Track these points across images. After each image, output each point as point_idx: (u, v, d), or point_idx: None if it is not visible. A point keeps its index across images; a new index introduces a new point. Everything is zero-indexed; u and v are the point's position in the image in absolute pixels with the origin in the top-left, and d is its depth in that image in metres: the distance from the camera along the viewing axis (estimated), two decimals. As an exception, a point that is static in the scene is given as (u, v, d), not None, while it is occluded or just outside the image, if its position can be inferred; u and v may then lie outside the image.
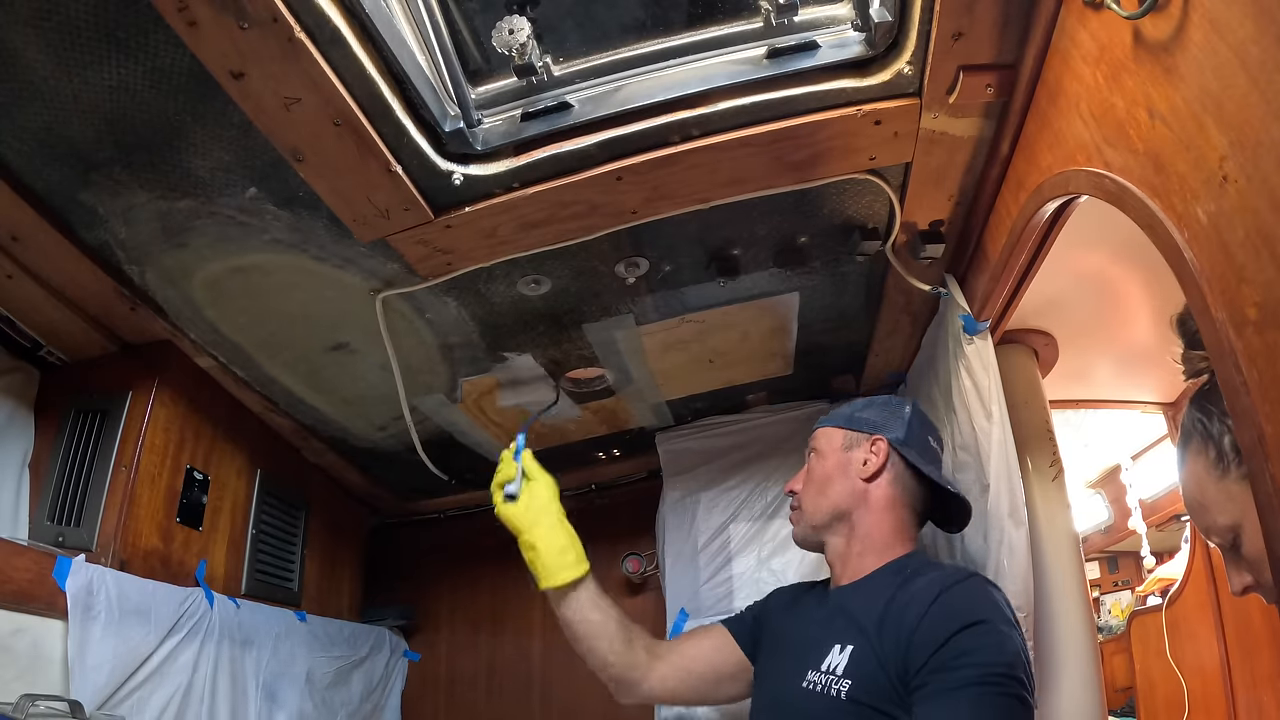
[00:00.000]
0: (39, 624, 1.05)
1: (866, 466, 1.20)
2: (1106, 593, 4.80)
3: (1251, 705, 1.98)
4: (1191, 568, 2.32)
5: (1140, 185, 0.70)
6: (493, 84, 1.02)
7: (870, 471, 1.19)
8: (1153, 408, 2.30)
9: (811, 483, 1.24)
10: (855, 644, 1.05)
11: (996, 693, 0.90)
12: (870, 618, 1.06)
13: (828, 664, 1.07)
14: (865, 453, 1.21)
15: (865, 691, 1.00)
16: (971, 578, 1.06)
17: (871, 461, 1.20)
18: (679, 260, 1.31)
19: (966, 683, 0.91)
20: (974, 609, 0.98)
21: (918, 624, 0.98)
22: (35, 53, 0.82)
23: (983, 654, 0.93)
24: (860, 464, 1.21)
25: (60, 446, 1.32)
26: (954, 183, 1.17)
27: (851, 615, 1.11)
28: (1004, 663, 0.92)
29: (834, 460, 1.23)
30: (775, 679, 1.21)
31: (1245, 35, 0.54)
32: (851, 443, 1.24)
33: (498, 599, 2.30)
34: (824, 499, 1.21)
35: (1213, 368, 0.62)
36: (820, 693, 1.05)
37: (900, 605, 1.03)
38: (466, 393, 1.65)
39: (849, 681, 1.02)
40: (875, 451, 1.20)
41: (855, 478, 1.20)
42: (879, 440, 1.21)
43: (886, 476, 1.20)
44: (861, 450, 1.22)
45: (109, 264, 1.17)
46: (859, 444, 1.23)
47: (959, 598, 1.00)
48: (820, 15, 0.99)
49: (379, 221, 1.08)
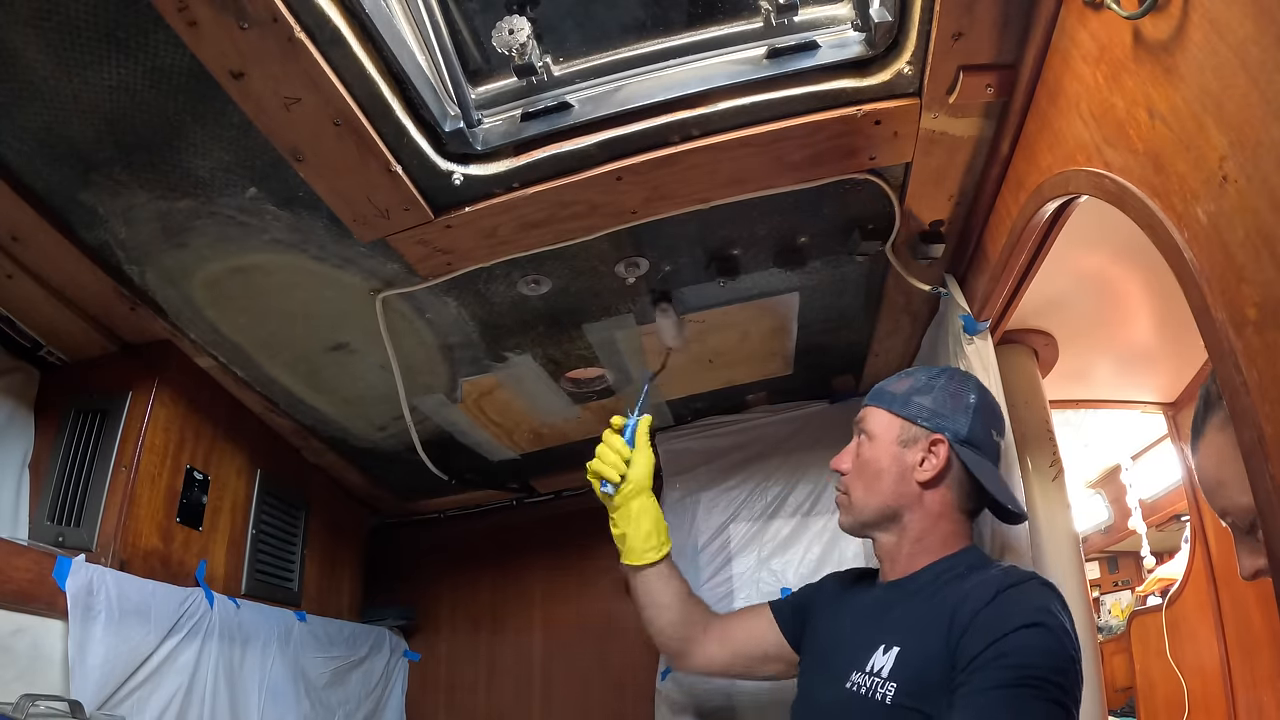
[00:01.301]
0: (39, 624, 1.05)
1: (924, 468, 1.09)
2: (1106, 593, 4.81)
3: (1251, 705, 1.98)
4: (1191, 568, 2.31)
5: (1140, 185, 0.70)
6: (493, 84, 1.02)
7: (928, 476, 1.09)
8: (1153, 408, 2.30)
9: (861, 472, 1.14)
10: (902, 644, 1.01)
11: (1035, 695, 0.85)
12: (920, 617, 1.01)
13: (872, 665, 1.02)
14: (923, 452, 1.10)
15: (911, 695, 0.95)
16: (1031, 579, 1.00)
17: (929, 463, 1.09)
18: (679, 260, 1.32)
19: (1007, 683, 0.86)
20: (1030, 611, 0.93)
21: (970, 623, 0.93)
22: (35, 53, 0.82)
23: (1030, 655, 0.88)
24: (917, 464, 1.10)
25: (60, 446, 1.32)
26: (954, 183, 1.17)
27: (900, 614, 1.06)
28: (1051, 666, 0.88)
29: (887, 453, 1.12)
30: (819, 678, 1.16)
31: (1245, 35, 0.54)
32: (908, 437, 1.12)
33: (498, 599, 2.30)
34: (874, 495, 1.12)
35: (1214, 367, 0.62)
36: (866, 695, 1.00)
37: (953, 604, 0.98)
38: (466, 393, 1.65)
39: (894, 684, 0.97)
40: (934, 453, 1.09)
41: (910, 479, 1.10)
42: (939, 442, 1.10)
43: (945, 481, 1.10)
44: (918, 449, 1.10)
45: (109, 264, 1.17)
46: (916, 441, 1.11)
47: (1016, 598, 0.95)
48: (820, 15, 0.99)
49: (379, 221, 1.08)
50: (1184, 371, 2.06)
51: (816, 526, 1.87)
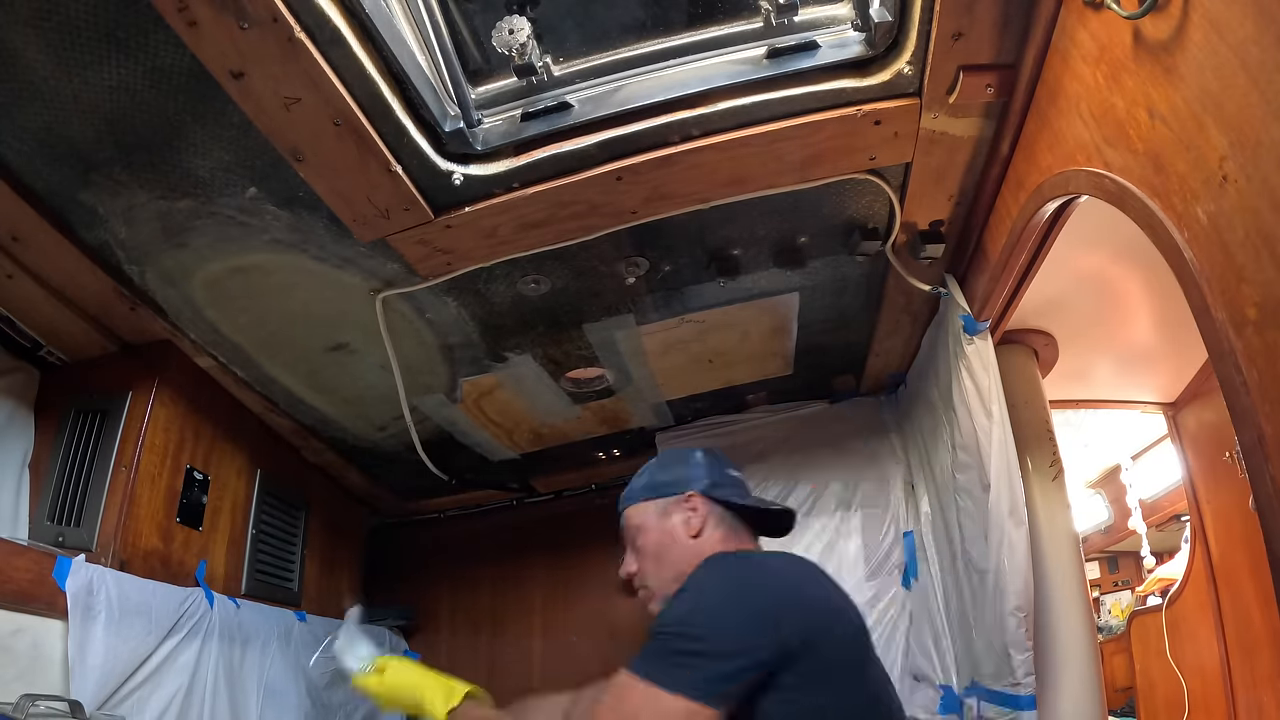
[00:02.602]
0: (39, 624, 1.05)
1: (690, 525, 1.20)
2: (1106, 593, 4.80)
3: (1251, 705, 1.98)
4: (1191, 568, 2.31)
5: (1140, 185, 0.70)
6: (493, 84, 1.02)
7: (696, 528, 1.19)
8: (1153, 408, 2.30)
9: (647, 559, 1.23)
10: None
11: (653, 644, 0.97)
12: None
13: None
14: (683, 512, 1.21)
15: None
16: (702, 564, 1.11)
17: (693, 518, 1.20)
18: (679, 260, 1.31)
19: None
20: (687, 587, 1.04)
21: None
22: (35, 53, 0.82)
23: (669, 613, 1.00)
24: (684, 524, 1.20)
25: (60, 446, 1.32)
26: (954, 183, 1.17)
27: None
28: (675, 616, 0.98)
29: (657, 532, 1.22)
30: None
31: (1245, 35, 0.54)
32: (665, 509, 1.22)
33: (498, 599, 2.30)
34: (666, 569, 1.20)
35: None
36: None
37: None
38: (466, 393, 1.65)
39: None
40: (692, 508, 1.20)
41: (685, 539, 1.20)
42: (691, 496, 1.21)
43: (710, 524, 1.20)
44: (679, 512, 1.21)
45: (109, 264, 1.16)
46: (674, 507, 1.22)
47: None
48: (820, 15, 0.99)
49: (379, 221, 1.08)
50: (1184, 371, 2.06)
51: (816, 527, 1.87)
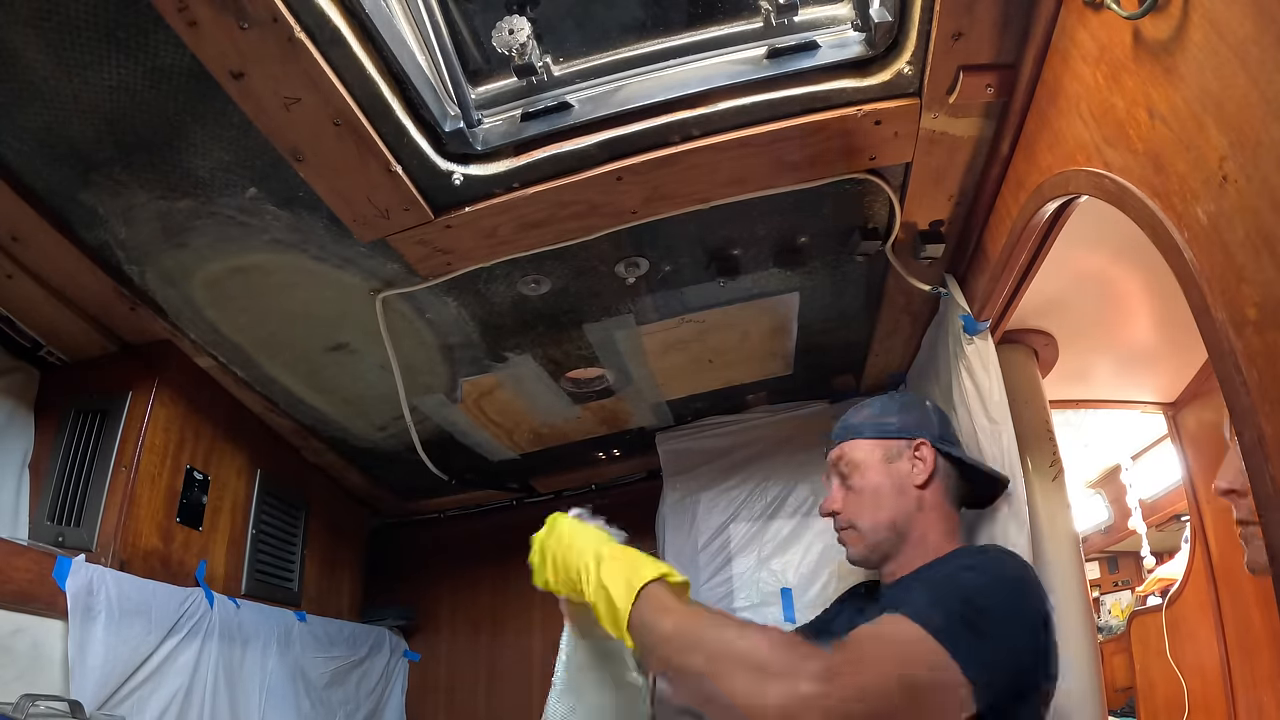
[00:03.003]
0: (39, 624, 1.05)
1: (917, 472, 1.17)
2: (1106, 593, 4.80)
3: (1251, 705, 1.98)
4: (1191, 568, 2.31)
5: (1140, 185, 0.70)
6: (493, 84, 1.02)
7: (924, 478, 1.16)
8: (1153, 408, 2.29)
9: (862, 501, 1.19)
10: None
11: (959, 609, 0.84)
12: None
13: None
14: (912, 459, 1.18)
15: None
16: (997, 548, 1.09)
17: (921, 467, 1.17)
18: (679, 260, 1.31)
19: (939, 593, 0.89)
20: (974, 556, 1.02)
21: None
22: (35, 53, 0.82)
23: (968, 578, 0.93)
24: (909, 471, 1.18)
25: (60, 446, 1.32)
26: (954, 183, 1.17)
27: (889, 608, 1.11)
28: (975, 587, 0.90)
29: (880, 474, 1.19)
30: None
31: (1245, 35, 0.54)
32: (893, 453, 1.20)
33: (498, 599, 2.30)
34: (881, 514, 1.17)
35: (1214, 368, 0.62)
36: None
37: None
38: (466, 393, 1.65)
39: None
40: (922, 456, 1.17)
41: (908, 487, 1.17)
42: (923, 444, 1.18)
43: (936, 477, 1.18)
44: (906, 459, 1.19)
45: (109, 264, 1.16)
46: (902, 453, 1.19)
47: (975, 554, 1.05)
48: (820, 15, 0.99)
49: (379, 221, 1.08)
50: (1184, 371, 2.06)
51: (817, 526, 1.87)
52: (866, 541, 1.18)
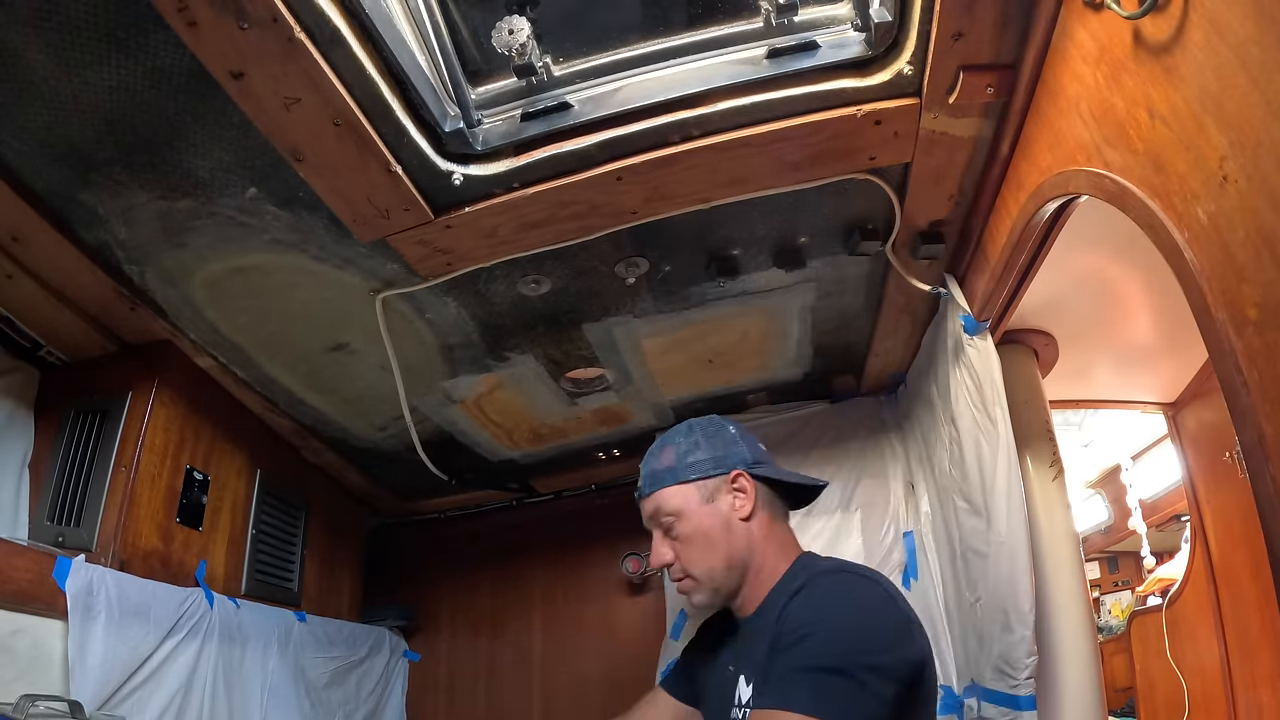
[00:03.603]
0: (39, 624, 1.05)
1: (740, 505, 1.12)
2: (1106, 593, 4.80)
3: (1251, 705, 1.98)
4: (1191, 568, 2.31)
5: (1140, 185, 0.70)
6: (493, 84, 1.02)
7: (748, 509, 1.12)
8: (1153, 408, 2.30)
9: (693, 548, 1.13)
10: (754, 676, 1.03)
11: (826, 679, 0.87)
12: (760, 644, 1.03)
13: (739, 698, 1.05)
14: (730, 493, 1.13)
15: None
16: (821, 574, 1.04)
17: (742, 499, 1.12)
18: (679, 260, 1.31)
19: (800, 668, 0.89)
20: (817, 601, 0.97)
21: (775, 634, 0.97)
22: (35, 53, 0.82)
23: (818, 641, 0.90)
24: (733, 507, 1.12)
25: (60, 446, 1.32)
26: (954, 183, 1.17)
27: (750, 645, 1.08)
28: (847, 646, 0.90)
29: (703, 516, 1.12)
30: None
31: (1245, 35, 0.54)
32: (709, 492, 1.13)
33: (498, 600, 2.30)
34: (715, 557, 1.12)
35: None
36: None
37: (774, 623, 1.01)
38: (466, 393, 1.65)
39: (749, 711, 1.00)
40: (741, 488, 1.13)
41: (735, 522, 1.12)
42: (740, 475, 1.13)
43: (760, 505, 1.13)
44: (725, 493, 1.13)
45: (109, 264, 1.16)
46: (720, 489, 1.13)
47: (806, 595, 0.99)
48: (820, 15, 0.99)
49: (379, 221, 1.08)
50: (1184, 371, 2.06)
51: (816, 527, 1.87)
52: (707, 587, 1.14)
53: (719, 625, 1.27)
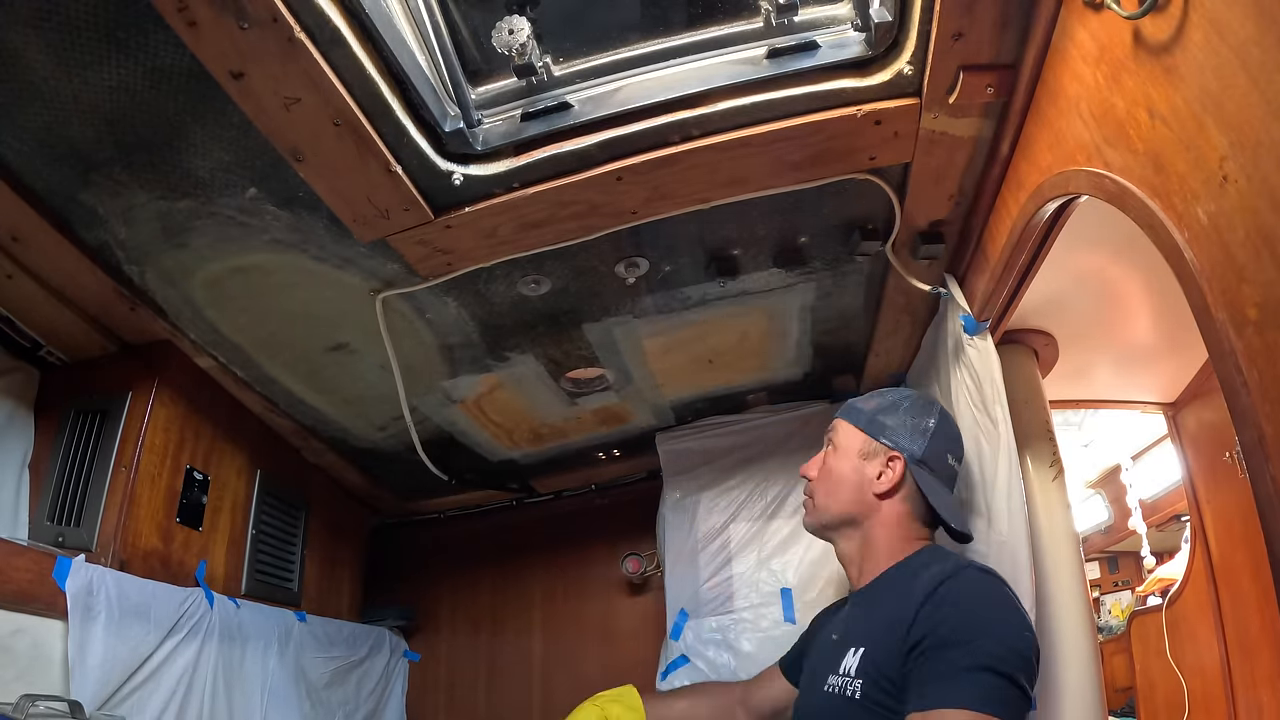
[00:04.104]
0: (39, 624, 1.05)
1: (881, 481, 1.17)
2: (1106, 593, 4.81)
3: (1251, 705, 1.98)
4: (1191, 568, 2.31)
5: (1140, 185, 0.70)
6: (493, 84, 1.02)
7: (884, 488, 1.17)
8: (1153, 408, 2.29)
9: (825, 479, 1.23)
10: (866, 645, 1.07)
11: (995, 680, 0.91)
12: (880, 617, 1.07)
13: (843, 667, 1.09)
14: (881, 466, 1.18)
15: (876, 689, 1.01)
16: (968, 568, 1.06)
17: (886, 477, 1.17)
18: (679, 260, 1.31)
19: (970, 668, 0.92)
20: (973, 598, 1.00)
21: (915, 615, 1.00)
22: (35, 53, 0.82)
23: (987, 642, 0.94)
24: (874, 477, 1.18)
25: (60, 446, 1.32)
26: (954, 183, 1.17)
27: (864, 617, 1.13)
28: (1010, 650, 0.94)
29: (849, 464, 1.21)
30: (805, 688, 1.25)
31: (1245, 35, 0.54)
32: (869, 451, 1.20)
33: (498, 599, 2.30)
34: (835, 501, 1.20)
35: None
36: (837, 694, 1.07)
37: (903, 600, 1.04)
38: (466, 393, 1.65)
39: (860, 681, 1.04)
40: (891, 468, 1.17)
41: (868, 490, 1.18)
42: (896, 459, 1.18)
43: (900, 494, 1.18)
44: (877, 463, 1.19)
45: (109, 264, 1.16)
46: (876, 455, 1.19)
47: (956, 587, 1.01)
48: (820, 15, 0.99)
49: (379, 221, 1.08)
50: (1184, 371, 2.06)
51: (817, 526, 1.87)
52: (816, 517, 1.23)
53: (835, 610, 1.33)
